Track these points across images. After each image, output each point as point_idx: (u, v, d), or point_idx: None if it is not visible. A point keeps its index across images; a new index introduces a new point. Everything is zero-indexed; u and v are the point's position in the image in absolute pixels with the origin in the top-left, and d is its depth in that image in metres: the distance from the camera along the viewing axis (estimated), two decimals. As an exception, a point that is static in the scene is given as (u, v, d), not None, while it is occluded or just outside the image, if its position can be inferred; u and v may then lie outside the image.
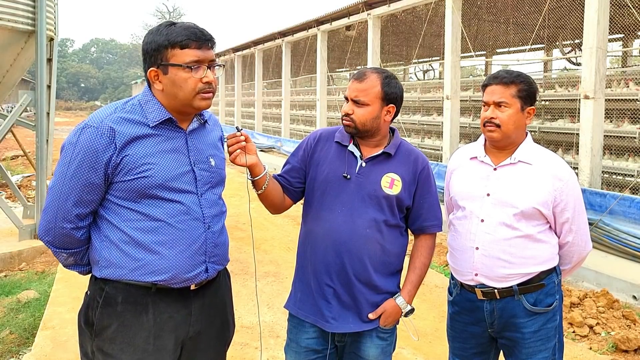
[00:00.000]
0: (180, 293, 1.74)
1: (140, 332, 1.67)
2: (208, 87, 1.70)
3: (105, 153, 1.62)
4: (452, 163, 2.33)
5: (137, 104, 1.72)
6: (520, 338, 2.07)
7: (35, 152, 6.37)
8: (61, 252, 1.73)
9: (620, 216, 5.30)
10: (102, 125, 1.63)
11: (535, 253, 2.06)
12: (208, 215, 1.77)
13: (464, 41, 8.88)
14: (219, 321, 1.88)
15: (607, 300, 4.48)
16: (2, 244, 6.03)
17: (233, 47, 20.87)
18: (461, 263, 2.15)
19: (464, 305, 2.18)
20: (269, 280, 5.08)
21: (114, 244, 1.68)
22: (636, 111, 7.40)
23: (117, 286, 1.68)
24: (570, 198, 2.06)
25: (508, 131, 2.06)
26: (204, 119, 1.86)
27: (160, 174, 1.66)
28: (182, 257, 1.70)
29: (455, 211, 2.22)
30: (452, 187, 2.26)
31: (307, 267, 2.07)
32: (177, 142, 1.74)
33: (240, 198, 8.86)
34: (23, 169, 12.65)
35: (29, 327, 4.00)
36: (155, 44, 1.67)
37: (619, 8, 7.12)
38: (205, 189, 1.78)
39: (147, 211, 1.67)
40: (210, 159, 1.82)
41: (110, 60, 79.13)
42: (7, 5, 5.63)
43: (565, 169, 2.08)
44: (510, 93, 2.05)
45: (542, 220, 2.07)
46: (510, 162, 2.09)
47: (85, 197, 1.65)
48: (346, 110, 2.01)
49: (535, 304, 2.06)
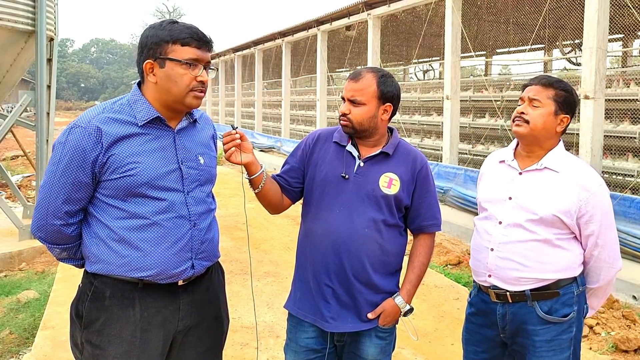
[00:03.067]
0: (168, 288, 1.77)
1: (127, 326, 1.72)
2: (201, 86, 1.75)
3: (92, 152, 1.67)
4: (483, 167, 2.31)
5: (125, 103, 1.76)
6: (531, 345, 2.02)
7: (35, 152, 6.37)
8: (54, 247, 1.80)
9: (620, 216, 5.30)
10: (89, 126, 1.68)
11: (553, 259, 2.01)
12: (194, 212, 1.80)
13: (464, 41, 8.88)
14: (211, 316, 1.91)
15: (607, 300, 4.48)
16: (2, 244, 6.03)
17: (233, 47, 20.85)
18: (477, 263, 2.15)
19: (479, 306, 2.16)
20: (268, 280, 5.08)
21: (102, 240, 1.73)
22: (636, 111, 7.39)
23: (105, 281, 1.73)
24: (596, 210, 1.99)
25: (535, 129, 2.02)
26: (193, 118, 1.89)
27: (145, 173, 1.70)
28: (168, 254, 1.74)
29: (480, 213, 2.21)
30: (479, 191, 2.25)
31: (306, 267, 2.07)
32: (165, 140, 1.77)
33: (240, 198, 8.85)
34: (23, 169, 12.65)
35: (29, 327, 4.00)
36: (156, 38, 1.71)
37: (619, 8, 7.11)
38: (193, 187, 1.81)
39: (133, 209, 1.71)
40: (200, 157, 1.85)
41: (110, 60, 79.13)
42: (7, 5, 5.64)
43: (593, 180, 2.01)
44: (546, 94, 2.02)
45: (565, 230, 2.01)
46: (537, 167, 2.05)
47: (74, 195, 1.70)
48: (343, 110, 2.02)
49: (550, 313, 2.01)
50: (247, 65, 20.97)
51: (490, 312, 2.11)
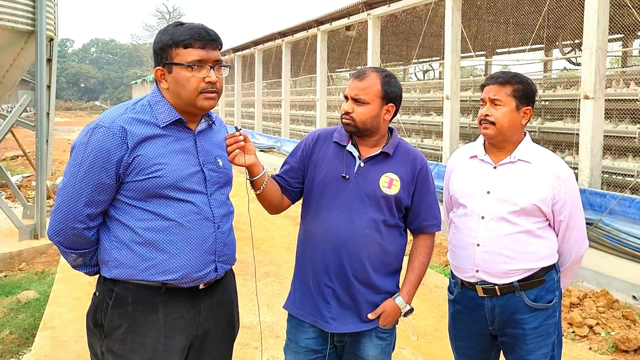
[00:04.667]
0: (190, 292, 1.75)
1: (151, 332, 1.68)
2: (211, 87, 1.71)
3: (117, 153, 1.63)
4: (451, 162, 2.35)
5: (146, 104, 1.73)
6: (522, 334, 2.09)
7: (35, 152, 6.37)
8: (71, 252, 1.73)
9: (620, 216, 5.30)
10: (113, 125, 1.64)
11: (536, 249, 2.09)
12: (217, 215, 1.78)
13: (464, 41, 8.88)
14: (225, 320, 1.90)
15: (607, 300, 4.48)
16: (2, 244, 6.03)
17: (233, 47, 20.85)
18: (462, 260, 2.18)
19: (465, 303, 2.20)
20: (268, 280, 5.08)
21: (124, 243, 1.68)
22: (636, 111, 7.39)
23: (127, 287, 1.69)
24: (568, 196, 2.10)
25: (502, 129, 2.10)
26: (211, 120, 1.87)
27: (171, 174, 1.68)
28: (193, 257, 1.71)
29: (456, 209, 2.24)
30: (452, 186, 2.28)
31: (306, 267, 2.07)
32: (187, 142, 1.76)
33: (240, 198, 8.84)
34: (23, 169, 12.64)
35: (29, 327, 4.00)
36: (161, 43, 1.70)
37: (619, 8, 7.11)
38: (214, 189, 1.80)
39: (158, 211, 1.68)
40: (218, 159, 1.84)
41: (110, 60, 79.08)
42: (7, 5, 5.64)
43: (564, 168, 2.13)
44: (505, 92, 2.09)
45: (541, 217, 2.10)
46: (510, 160, 2.13)
47: (96, 198, 1.66)
48: (346, 109, 2.02)
49: (536, 300, 2.09)
50: (247, 65, 20.97)
51: (478, 307, 2.16)
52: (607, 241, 5.44)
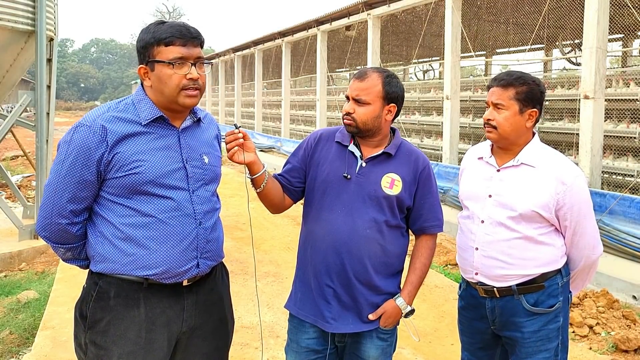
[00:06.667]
0: (173, 289, 1.77)
1: (132, 326, 1.72)
2: (193, 83, 1.73)
3: (97, 150, 1.67)
4: (462, 162, 2.35)
5: (130, 103, 1.78)
6: (520, 337, 2.07)
7: (35, 152, 6.37)
8: (59, 247, 1.79)
9: (620, 216, 5.30)
10: (94, 124, 1.69)
11: (536, 255, 2.05)
12: (200, 211, 1.80)
13: (464, 41, 8.88)
14: (216, 317, 1.90)
15: (607, 300, 4.48)
16: (2, 244, 6.03)
17: (233, 47, 20.86)
18: (464, 261, 2.19)
19: (469, 300, 2.22)
20: (268, 280, 5.08)
21: (107, 239, 1.73)
22: (636, 111, 7.39)
23: (110, 281, 1.73)
24: (574, 201, 2.02)
25: (504, 133, 2.06)
26: (197, 117, 1.89)
27: (150, 171, 1.71)
28: (173, 252, 1.74)
29: (463, 210, 2.24)
30: (460, 187, 2.28)
31: (307, 267, 2.07)
32: (169, 139, 1.78)
33: (240, 198, 8.86)
34: (23, 169, 12.64)
35: (29, 327, 4.00)
36: (143, 42, 1.73)
37: (619, 8, 7.12)
38: (198, 186, 1.81)
39: (139, 207, 1.71)
40: (204, 156, 1.85)
41: (110, 60, 79.09)
42: (7, 5, 5.63)
43: (570, 172, 2.03)
44: (507, 95, 2.04)
45: (544, 223, 2.05)
46: (513, 164, 2.09)
47: (79, 194, 1.70)
48: (347, 109, 2.01)
49: (536, 305, 2.06)
50: (247, 65, 20.97)
51: (480, 306, 2.16)
52: (607, 241, 5.44)
